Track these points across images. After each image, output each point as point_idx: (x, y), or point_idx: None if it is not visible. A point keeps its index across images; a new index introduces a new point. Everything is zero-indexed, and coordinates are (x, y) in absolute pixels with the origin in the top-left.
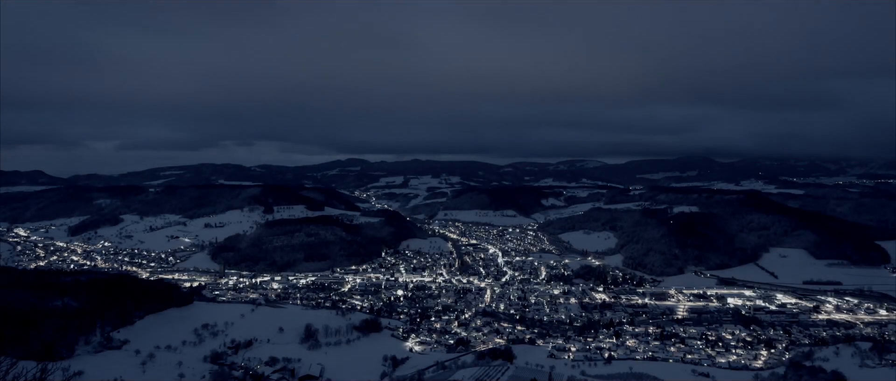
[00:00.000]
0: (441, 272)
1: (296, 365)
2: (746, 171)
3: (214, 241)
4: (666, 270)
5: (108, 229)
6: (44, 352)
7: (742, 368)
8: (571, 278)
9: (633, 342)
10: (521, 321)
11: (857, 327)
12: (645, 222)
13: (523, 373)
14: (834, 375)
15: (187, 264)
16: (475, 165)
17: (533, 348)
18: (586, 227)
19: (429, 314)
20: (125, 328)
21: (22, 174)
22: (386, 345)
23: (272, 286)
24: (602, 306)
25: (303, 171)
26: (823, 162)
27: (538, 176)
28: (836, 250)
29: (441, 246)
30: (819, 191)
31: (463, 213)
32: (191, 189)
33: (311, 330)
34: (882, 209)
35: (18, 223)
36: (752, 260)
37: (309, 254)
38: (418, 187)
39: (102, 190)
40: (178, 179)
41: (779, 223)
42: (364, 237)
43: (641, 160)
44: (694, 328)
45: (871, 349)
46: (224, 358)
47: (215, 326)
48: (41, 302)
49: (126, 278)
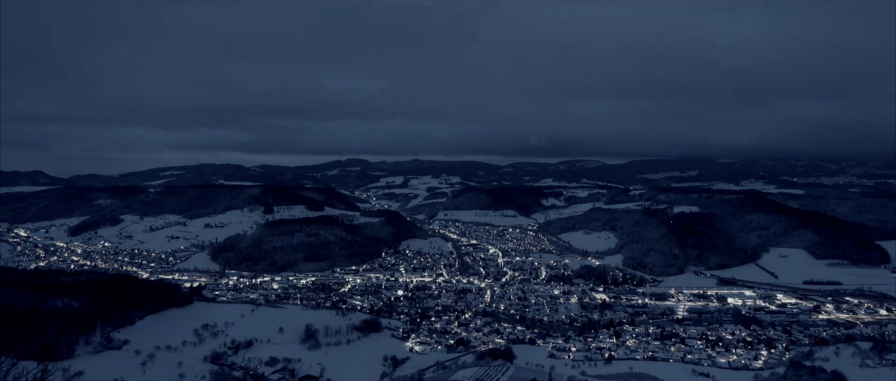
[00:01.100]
0: (441, 272)
1: (296, 365)
2: (746, 171)
3: (214, 241)
4: (666, 270)
5: (109, 230)
6: (44, 352)
7: (742, 368)
8: (571, 278)
9: (633, 342)
10: (521, 321)
11: (857, 327)
12: (645, 222)
13: (523, 373)
14: (834, 375)
15: (187, 265)
16: (475, 165)
17: (533, 348)
18: (586, 227)
19: (429, 315)
20: (125, 329)
21: (22, 174)
22: (386, 345)
23: (272, 287)
24: (602, 306)
25: (303, 171)
26: (823, 162)
27: (538, 176)
28: (836, 249)
29: (441, 246)
30: (819, 191)
31: (463, 213)
32: (191, 189)
33: (312, 330)
34: (882, 209)
35: (19, 223)
36: (753, 260)
37: (309, 254)
38: (418, 187)
39: (102, 190)
40: (178, 179)
41: (779, 223)
42: (364, 237)
43: (641, 160)
44: (694, 328)
45: (872, 348)
46: (224, 358)
47: (215, 326)
48: (42, 302)
49: (126, 279)
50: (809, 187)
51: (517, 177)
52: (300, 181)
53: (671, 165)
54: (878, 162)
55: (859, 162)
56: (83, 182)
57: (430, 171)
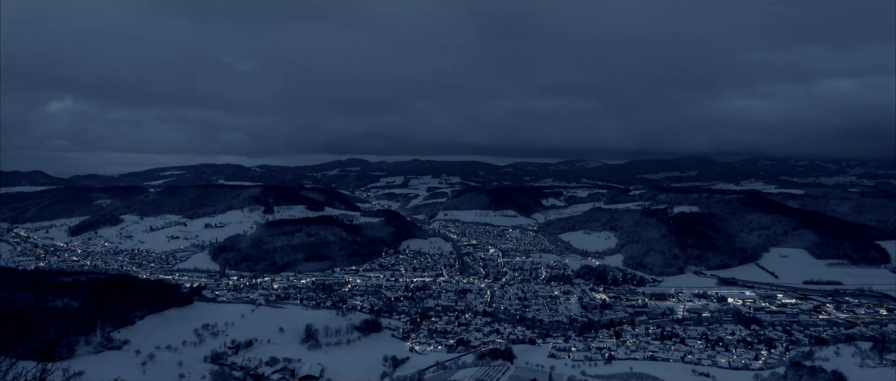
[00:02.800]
0: (441, 272)
1: (296, 365)
2: (746, 171)
3: (214, 241)
4: (666, 270)
5: (109, 230)
6: (44, 352)
7: (742, 368)
8: (571, 278)
9: (633, 342)
10: (521, 321)
11: (857, 327)
12: (645, 222)
13: (523, 373)
14: (834, 375)
15: (187, 265)
16: (475, 165)
17: (533, 348)
18: (586, 227)
19: (429, 315)
20: (125, 328)
21: (22, 174)
22: (386, 345)
23: (272, 287)
24: (602, 306)
25: (303, 171)
26: (823, 162)
27: (538, 176)
28: (836, 249)
29: (441, 246)
30: (819, 191)
31: (463, 213)
32: (191, 189)
33: (312, 330)
34: (882, 209)
35: (19, 224)
36: (753, 260)
37: (309, 254)
38: (418, 187)
39: (102, 190)
40: (178, 179)
41: (779, 223)
42: (364, 237)
43: (641, 160)
44: (694, 328)
45: (872, 348)
46: (224, 358)
47: (215, 326)
48: (42, 302)
49: (126, 279)
50: (809, 187)
51: (517, 177)
52: (300, 181)
53: (671, 165)
54: (878, 162)
55: (859, 162)
56: (83, 182)
57: (430, 171)
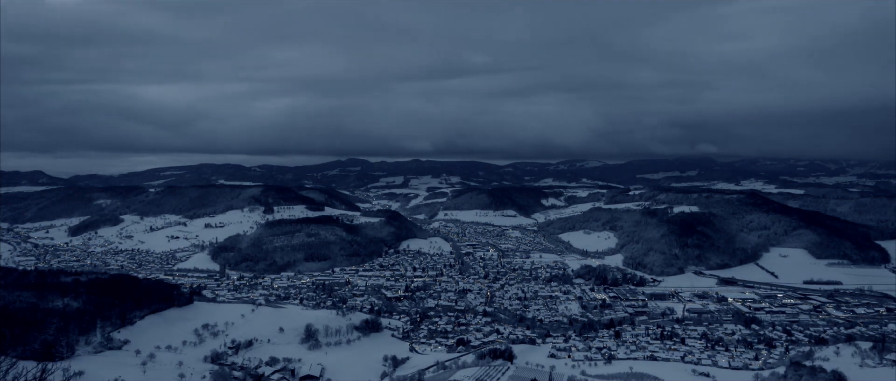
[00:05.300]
0: (441, 272)
1: (296, 365)
2: (746, 171)
3: (215, 241)
4: (666, 270)
5: (109, 230)
6: (44, 352)
7: (742, 368)
8: (571, 278)
9: (633, 342)
10: (521, 321)
11: (857, 327)
12: (645, 221)
13: (523, 373)
14: (834, 375)
15: (187, 265)
16: (475, 165)
17: (533, 348)
18: (586, 227)
19: (429, 315)
20: (125, 328)
21: (22, 174)
22: (386, 345)
23: (272, 286)
24: (602, 306)
25: (303, 171)
26: (823, 162)
27: (538, 176)
28: (836, 249)
29: (441, 246)
30: (819, 191)
31: (463, 213)
32: (191, 189)
33: (312, 330)
34: (882, 209)
35: (19, 223)
36: (753, 260)
37: (309, 254)
38: (418, 187)
39: (102, 190)
40: (178, 179)
41: (779, 223)
42: (364, 237)
43: (641, 160)
44: (694, 328)
45: (872, 348)
46: (224, 358)
47: (215, 326)
48: (42, 302)
49: (126, 279)
50: (809, 187)
51: (517, 177)
52: (300, 181)
53: (671, 165)
54: (878, 162)
55: (859, 162)
56: (83, 182)
57: (430, 171)
